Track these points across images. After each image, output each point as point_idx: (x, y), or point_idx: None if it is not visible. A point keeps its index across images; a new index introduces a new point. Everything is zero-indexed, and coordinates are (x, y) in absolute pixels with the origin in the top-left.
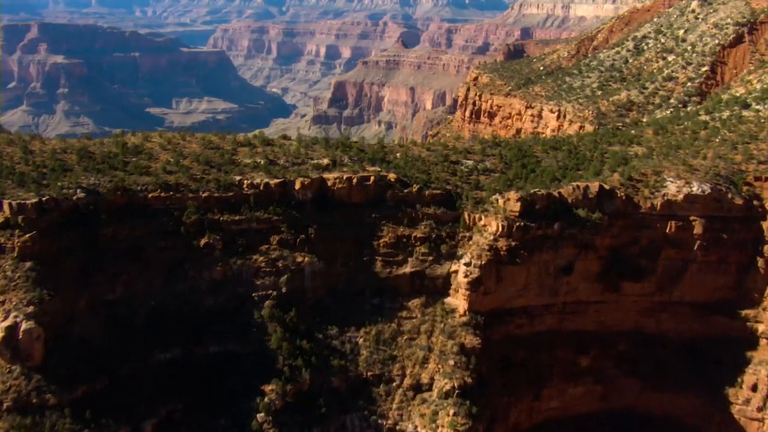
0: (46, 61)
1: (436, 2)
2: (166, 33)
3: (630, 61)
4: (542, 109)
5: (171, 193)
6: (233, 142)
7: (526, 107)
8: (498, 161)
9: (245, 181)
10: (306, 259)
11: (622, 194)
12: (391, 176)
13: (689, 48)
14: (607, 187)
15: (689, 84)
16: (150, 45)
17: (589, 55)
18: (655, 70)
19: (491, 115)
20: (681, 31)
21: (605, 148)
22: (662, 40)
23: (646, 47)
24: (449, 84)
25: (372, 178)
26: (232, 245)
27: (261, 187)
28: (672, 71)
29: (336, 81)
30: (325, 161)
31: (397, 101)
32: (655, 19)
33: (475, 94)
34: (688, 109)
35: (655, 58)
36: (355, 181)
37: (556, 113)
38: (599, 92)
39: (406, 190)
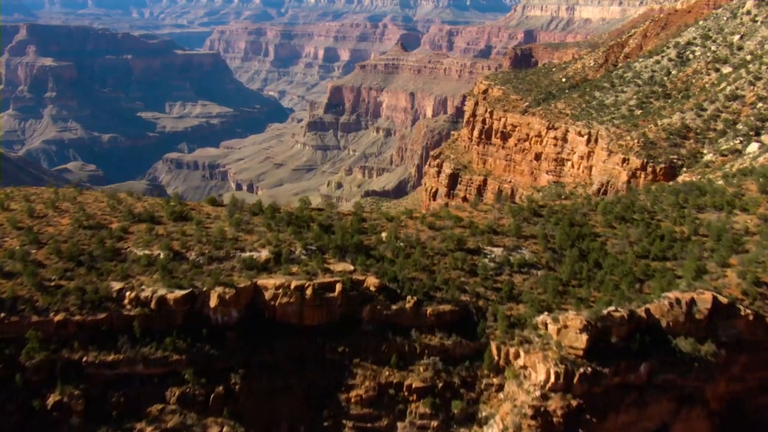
0: (35, 64)
1: (436, 4)
2: (162, 35)
3: (673, 72)
4: (568, 131)
5: (2, 314)
6: (127, 214)
7: (548, 128)
8: (542, 247)
9: (127, 293)
10: (225, 428)
11: (749, 311)
12: (371, 281)
13: (749, 57)
14: (723, 300)
15: (760, 105)
16: (143, 47)
17: (621, 65)
18: (707, 85)
19: (505, 136)
20: (735, 37)
21: (695, 215)
22: (712, 48)
23: (692, 56)
24: (451, 89)
25: (338, 285)
26: (102, 405)
27: (152, 304)
28: (737, 88)
29: (332, 86)
30: (264, 253)
31: (396, 107)
32: (700, 22)
33: (485, 111)
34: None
35: (705, 70)
36: (309, 291)
37: (586, 136)
38: (638, 111)
39: (395, 306)
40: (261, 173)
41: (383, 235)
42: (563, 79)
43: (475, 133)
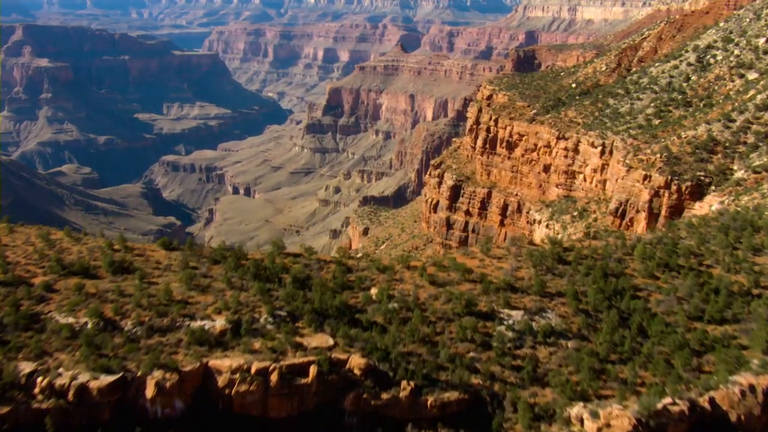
0: (30, 65)
1: (437, 4)
2: (161, 35)
3: (693, 78)
4: (579, 142)
5: None
6: (56, 264)
7: (558, 138)
8: (572, 309)
9: (39, 379)
10: None
11: None
12: (356, 361)
13: None
14: None
15: None
16: (141, 48)
17: (635, 69)
18: (732, 92)
19: (510, 146)
20: (761, 40)
21: (752, 260)
22: (735, 52)
23: (713, 60)
24: (451, 91)
25: (312, 368)
26: None
27: (70, 395)
28: None
29: (331, 87)
30: (219, 322)
31: (395, 109)
32: (720, 24)
33: (490, 118)
34: None
35: (728, 75)
36: (275, 376)
37: (599, 148)
38: (656, 120)
39: (386, 394)
40: (258, 176)
41: (373, 291)
42: (573, 85)
43: (479, 142)
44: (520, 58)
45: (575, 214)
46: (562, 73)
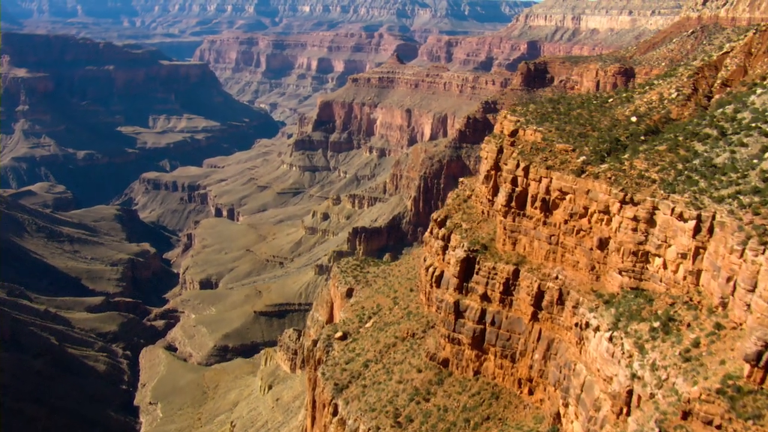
0: (8, 75)
1: (434, 13)
2: (153, 44)
3: None
4: (657, 209)
5: None
6: None
7: (622, 201)
8: None
9: None
10: None
11: None
12: None
13: None
14: None
15: None
16: (126, 57)
17: (720, 97)
18: None
19: (547, 206)
20: None
21: None
22: None
23: None
24: (451, 106)
25: None
26: None
27: None
28: None
29: (322, 101)
30: None
31: (391, 125)
32: None
33: (517, 166)
34: None
35: None
36: None
37: (692, 222)
38: None
39: None
40: (243, 196)
41: None
42: (632, 118)
43: (500, 197)
44: (530, 71)
45: (656, 324)
46: (610, 99)
